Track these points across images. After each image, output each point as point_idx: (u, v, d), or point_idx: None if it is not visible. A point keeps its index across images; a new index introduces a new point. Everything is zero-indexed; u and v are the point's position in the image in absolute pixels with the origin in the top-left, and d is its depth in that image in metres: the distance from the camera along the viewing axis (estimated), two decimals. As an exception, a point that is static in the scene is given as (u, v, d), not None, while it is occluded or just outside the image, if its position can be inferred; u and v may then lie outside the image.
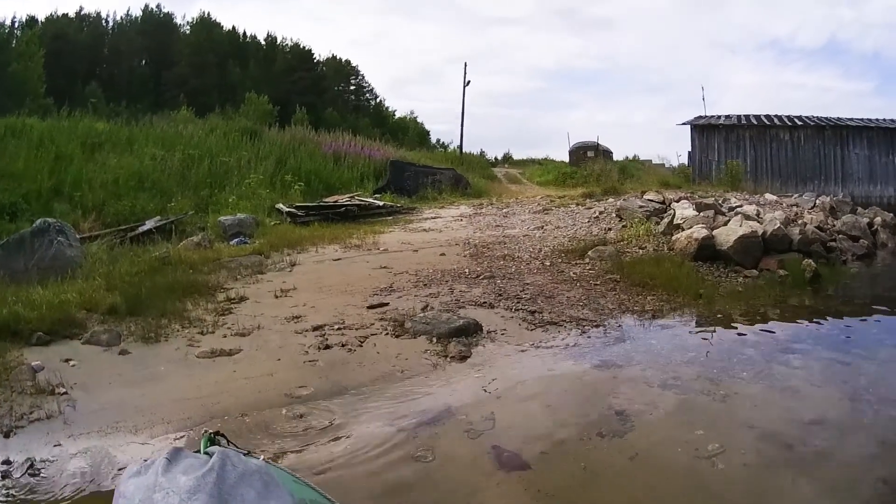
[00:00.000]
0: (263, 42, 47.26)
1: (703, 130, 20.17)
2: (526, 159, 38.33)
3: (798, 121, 19.85)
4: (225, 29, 46.10)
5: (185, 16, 46.70)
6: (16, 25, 34.70)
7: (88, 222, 10.55)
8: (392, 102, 71.21)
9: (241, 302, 5.97)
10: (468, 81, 32.25)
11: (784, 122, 19.89)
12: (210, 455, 1.78)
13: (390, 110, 51.38)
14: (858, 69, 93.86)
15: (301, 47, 47.36)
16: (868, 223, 9.97)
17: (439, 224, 11.11)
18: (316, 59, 48.04)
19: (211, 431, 2.01)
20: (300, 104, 34.16)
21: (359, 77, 51.30)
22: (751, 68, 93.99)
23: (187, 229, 10.25)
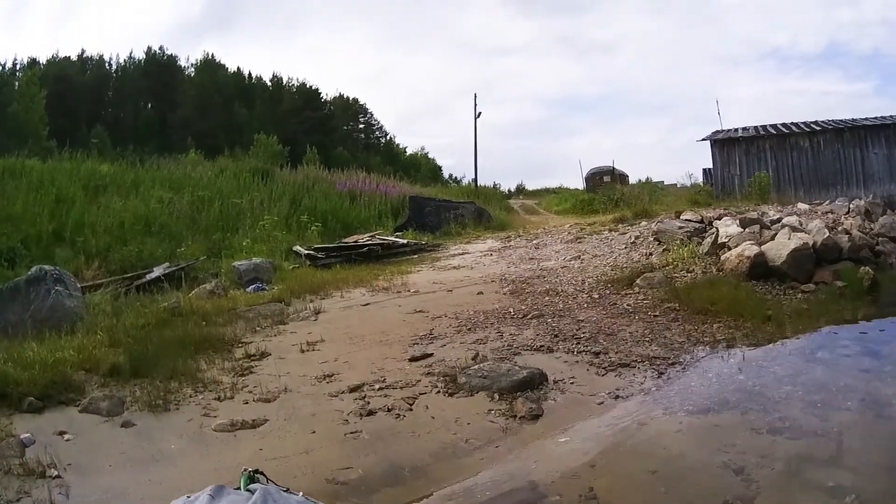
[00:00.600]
0: (269, 82, 47.84)
1: (723, 145, 20.01)
2: (540, 189, 38.36)
3: (816, 126, 19.63)
4: (230, 70, 46.74)
5: (189, 58, 47.08)
6: (17, 67, 35.07)
7: (92, 269, 10.02)
8: (401, 139, 71.57)
9: (263, 358, 5.42)
10: (479, 113, 32.04)
11: (802, 129, 19.68)
12: (252, 492, 1.87)
13: (401, 147, 51.65)
14: (858, 70, 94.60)
15: (307, 87, 47.84)
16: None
17: (469, 260, 10.65)
18: (323, 99, 48.46)
19: (250, 469, 2.02)
20: (309, 144, 33.97)
21: (367, 115, 51.65)
22: (754, 79, 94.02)
23: (199, 276, 9.83)
